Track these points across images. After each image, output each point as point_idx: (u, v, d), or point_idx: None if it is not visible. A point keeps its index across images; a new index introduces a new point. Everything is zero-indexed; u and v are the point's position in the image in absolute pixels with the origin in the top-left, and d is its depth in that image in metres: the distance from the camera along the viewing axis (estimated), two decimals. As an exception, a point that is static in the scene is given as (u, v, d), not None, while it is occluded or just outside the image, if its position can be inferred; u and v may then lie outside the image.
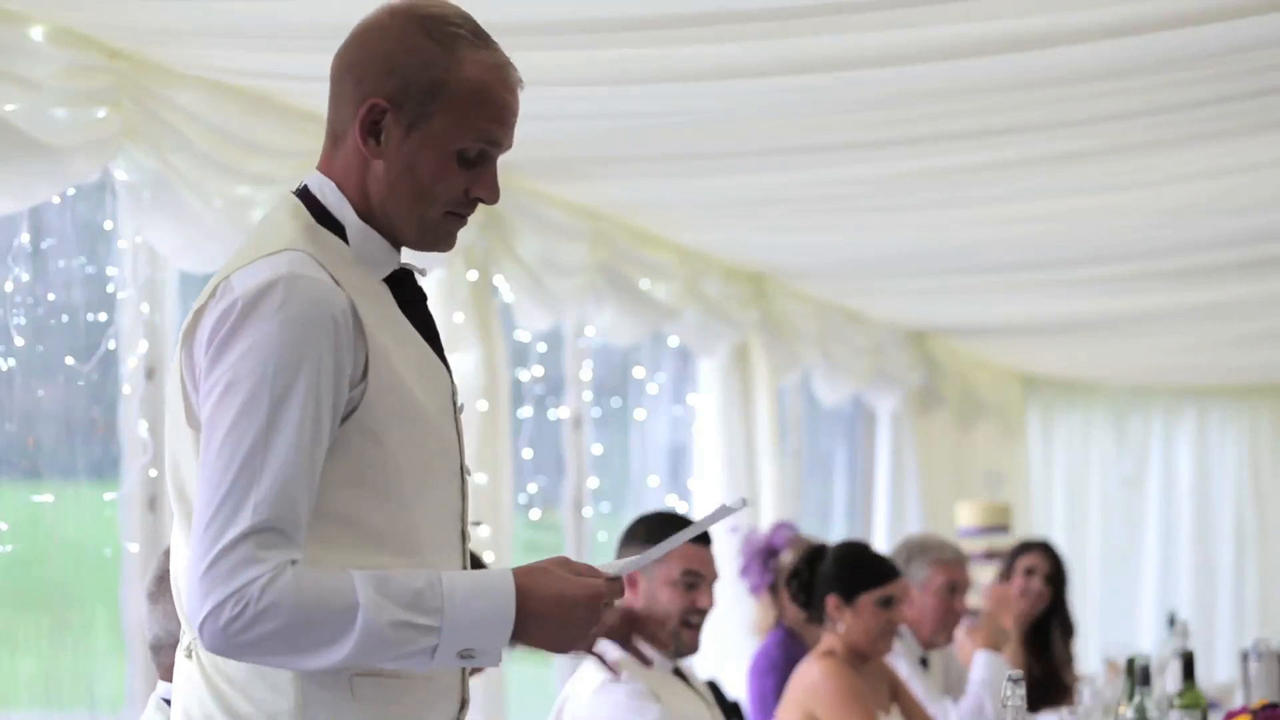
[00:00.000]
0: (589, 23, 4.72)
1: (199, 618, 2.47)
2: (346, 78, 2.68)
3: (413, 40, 2.64)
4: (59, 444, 4.94)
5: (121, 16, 4.54)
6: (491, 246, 6.46)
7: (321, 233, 2.66)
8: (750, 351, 8.69)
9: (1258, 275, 8.88)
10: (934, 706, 5.90)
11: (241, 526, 2.46)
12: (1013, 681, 3.99)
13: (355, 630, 2.47)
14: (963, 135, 6.08)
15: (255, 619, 2.45)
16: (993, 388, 12.59)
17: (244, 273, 2.56)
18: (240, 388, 2.49)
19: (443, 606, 2.52)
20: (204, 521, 2.47)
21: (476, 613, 2.53)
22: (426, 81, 2.63)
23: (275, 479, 2.47)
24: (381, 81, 2.64)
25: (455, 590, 2.53)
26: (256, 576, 2.45)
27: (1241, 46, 5.12)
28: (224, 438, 2.49)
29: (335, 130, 2.70)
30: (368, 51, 2.67)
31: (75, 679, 4.84)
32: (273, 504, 2.47)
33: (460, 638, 2.53)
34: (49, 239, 4.85)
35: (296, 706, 2.56)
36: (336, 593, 2.48)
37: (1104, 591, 13.11)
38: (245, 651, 2.49)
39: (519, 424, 6.97)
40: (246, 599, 2.45)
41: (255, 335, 2.50)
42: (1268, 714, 4.90)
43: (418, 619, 2.50)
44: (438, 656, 2.53)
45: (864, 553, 5.54)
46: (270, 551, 2.46)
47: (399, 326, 2.67)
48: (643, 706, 4.73)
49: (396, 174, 2.65)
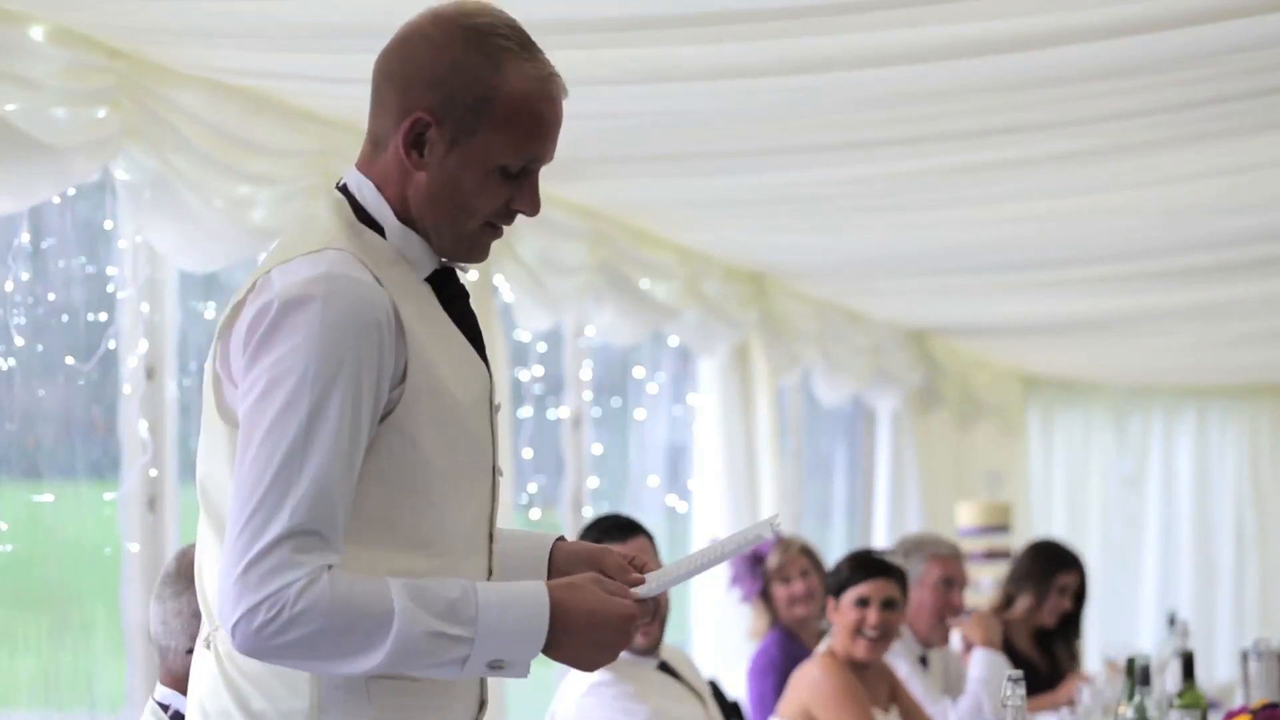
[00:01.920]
0: (589, 23, 4.72)
1: (232, 619, 2.45)
2: (389, 86, 2.65)
3: (458, 53, 2.61)
4: (59, 444, 4.94)
5: (121, 16, 4.54)
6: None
7: (363, 230, 2.65)
8: (750, 351, 8.70)
9: (1258, 275, 8.88)
10: (933, 707, 5.90)
11: (279, 529, 2.44)
12: (1013, 681, 4.00)
13: (390, 638, 2.46)
14: (963, 135, 6.07)
15: (290, 623, 2.43)
16: (993, 388, 12.59)
17: (284, 269, 2.55)
18: (280, 389, 2.47)
19: (476, 617, 2.50)
20: (240, 523, 2.46)
21: (510, 624, 2.52)
22: (472, 98, 2.61)
23: (314, 482, 2.46)
24: (426, 94, 2.61)
25: (490, 601, 2.52)
26: (293, 580, 2.43)
27: (1241, 46, 5.12)
28: (262, 439, 2.47)
29: (377, 136, 2.67)
30: (412, 61, 2.63)
31: (75, 679, 4.84)
32: (311, 507, 2.45)
33: (491, 649, 2.52)
34: (49, 239, 4.85)
35: (313, 706, 2.55)
36: (372, 599, 2.46)
37: (1104, 591, 13.09)
38: (278, 655, 2.48)
39: (519, 424, 6.97)
40: (282, 603, 2.43)
41: (296, 336, 2.48)
42: (1268, 714, 4.90)
43: (452, 629, 2.49)
44: (468, 666, 2.52)
45: (858, 554, 5.57)
46: (308, 555, 2.44)
47: (440, 325, 2.66)
48: (630, 708, 4.73)
49: (439, 187, 2.64)
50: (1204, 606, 13.24)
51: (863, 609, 5.34)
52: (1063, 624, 7.27)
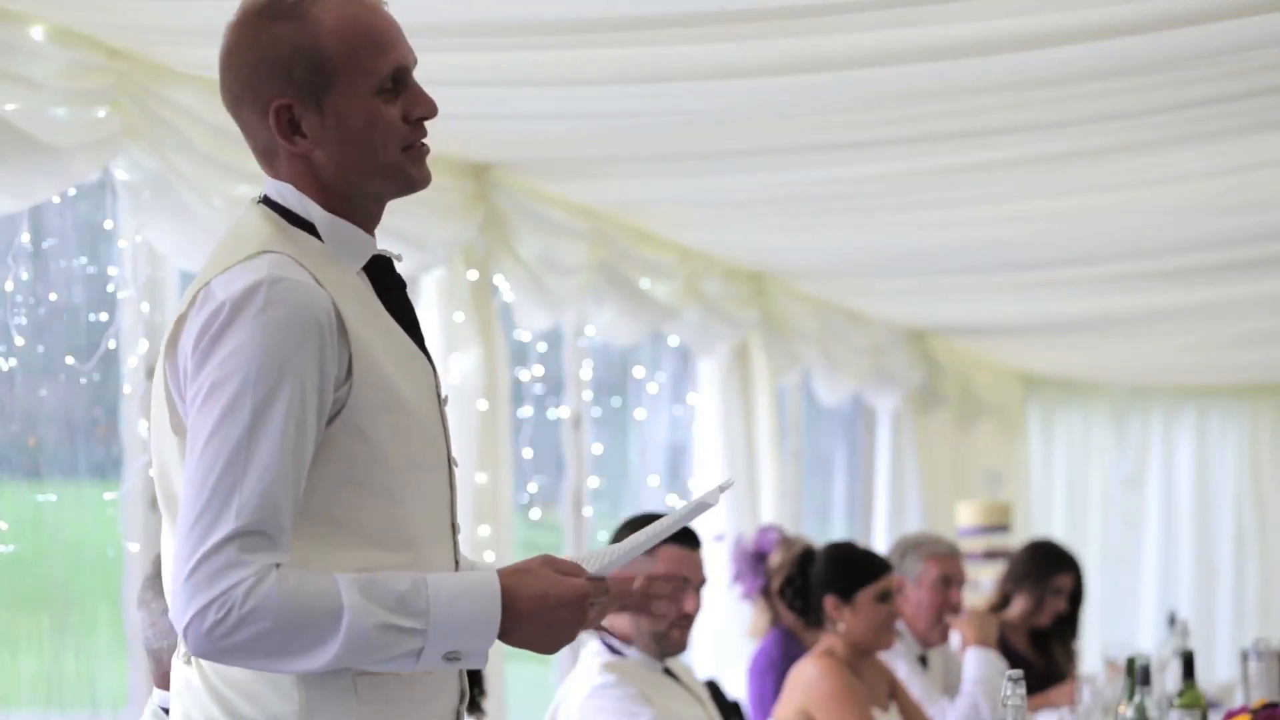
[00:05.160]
0: (589, 22, 4.73)
1: (183, 622, 2.47)
2: (241, 105, 2.68)
3: (266, 34, 2.64)
4: (60, 444, 4.94)
5: (121, 16, 4.55)
6: (491, 246, 6.46)
7: (295, 232, 2.66)
8: (750, 351, 8.70)
9: (1258, 275, 8.88)
10: (933, 707, 5.90)
11: (225, 530, 2.45)
12: (1013, 681, 4.00)
13: (340, 633, 2.48)
14: (963, 135, 6.08)
15: (239, 623, 2.45)
16: (993, 388, 12.59)
17: (224, 278, 2.56)
18: (224, 392, 2.49)
19: (428, 609, 2.52)
20: (188, 526, 2.47)
21: (462, 615, 2.54)
22: (305, 60, 2.62)
23: (259, 482, 2.47)
24: (269, 87, 2.64)
25: (440, 593, 2.53)
26: (240, 580, 2.45)
27: (1241, 46, 5.13)
28: (206, 442, 2.49)
29: (265, 153, 2.69)
30: (242, 71, 2.67)
31: (77, 679, 4.84)
32: (256, 508, 2.47)
33: (446, 640, 2.53)
34: (49, 239, 4.85)
35: (302, 709, 2.56)
36: (321, 596, 2.48)
37: (1104, 591, 13.10)
38: (230, 655, 2.49)
39: (519, 424, 6.97)
40: (230, 603, 2.45)
41: (238, 339, 2.50)
42: (1268, 714, 4.90)
43: (403, 622, 2.50)
44: (423, 659, 2.53)
45: (855, 551, 5.56)
46: (254, 555, 2.46)
47: (380, 320, 2.67)
48: (635, 710, 4.73)
49: (340, 148, 2.64)
50: (1204, 606, 13.23)
51: (886, 603, 5.37)
52: (1059, 625, 7.28)
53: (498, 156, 6.26)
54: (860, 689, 5.30)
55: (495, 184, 6.39)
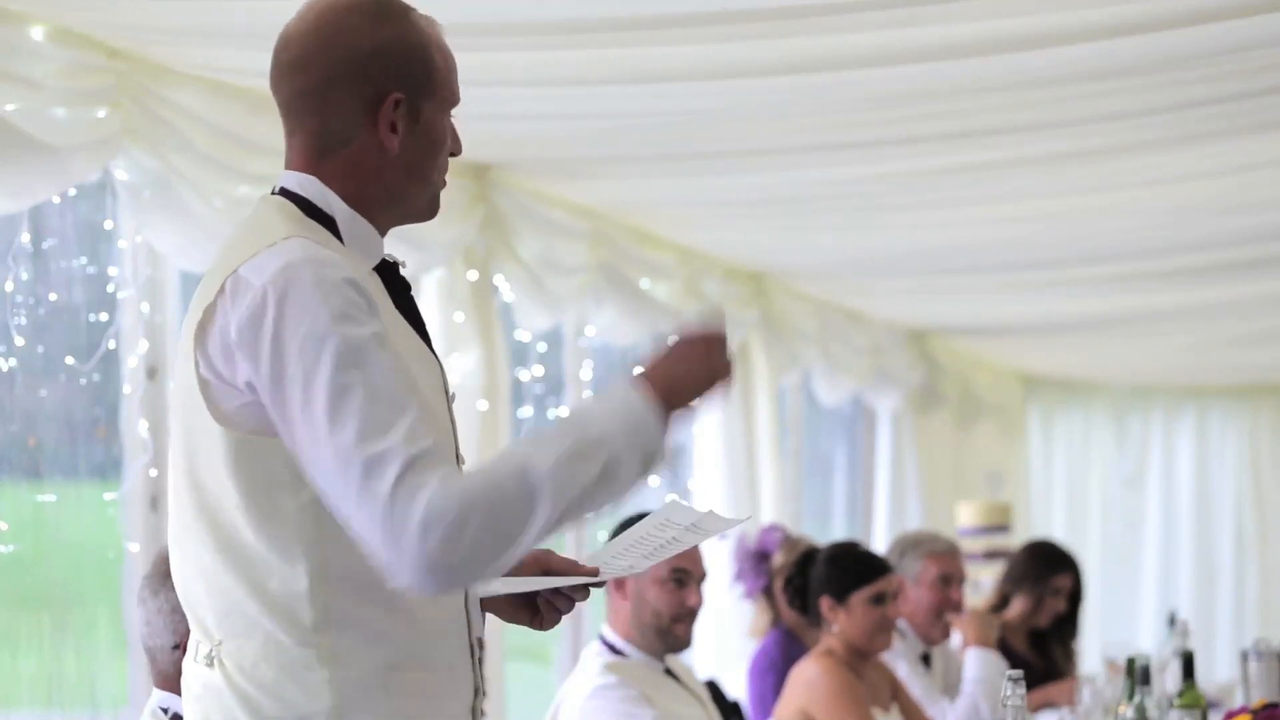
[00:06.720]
0: (589, 23, 4.73)
1: (414, 570, 2.42)
2: (338, 86, 2.67)
3: (384, 28, 2.67)
4: (60, 444, 4.94)
5: (121, 16, 4.55)
6: (491, 246, 6.46)
7: (314, 225, 2.66)
8: (750, 351, 8.70)
9: (1258, 275, 8.88)
10: (933, 707, 5.90)
11: (394, 471, 2.42)
12: (1013, 681, 4.00)
13: (540, 486, 2.46)
14: (963, 135, 6.08)
15: (457, 531, 2.41)
16: (993, 388, 12.60)
17: (254, 264, 2.55)
18: (319, 372, 2.47)
19: (589, 412, 2.55)
20: (355, 492, 2.43)
21: (617, 399, 2.59)
22: (418, 62, 2.67)
23: (395, 415, 2.46)
24: (385, 79, 2.65)
25: (587, 403, 2.60)
26: (431, 498, 2.41)
27: (1241, 46, 5.13)
28: (329, 419, 2.45)
29: (331, 136, 2.68)
30: (357, 54, 2.66)
31: (77, 679, 4.84)
32: (406, 437, 2.45)
33: (626, 433, 2.56)
34: (49, 239, 4.85)
35: (334, 708, 2.55)
36: (503, 467, 2.47)
37: (1104, 591, 13.10)
38: (469, 568, 2.45)
39: (519, 424, 6.97)
40: (438, 521, 2.41)
41: (304, 316, 2.49)
42: (1268, 714, 4.91)
43: (581, 438, 2.51)
44: (624, 469, 2.54)
45: (852, 552, 5.55)
46: (429, 472, 2.43)
47: (395, 316, 2.67)
48: (636, 712, 4.72)
49: (414, 153, 2.69)
50: (1204, 606, 13.23)
51: (879, 605, 5.35)
52: (1058, 625, 7.27)
53: (498, 157, 6.26)
54: (861, 689, 5.30)
55: (495, 184, 6.39)
